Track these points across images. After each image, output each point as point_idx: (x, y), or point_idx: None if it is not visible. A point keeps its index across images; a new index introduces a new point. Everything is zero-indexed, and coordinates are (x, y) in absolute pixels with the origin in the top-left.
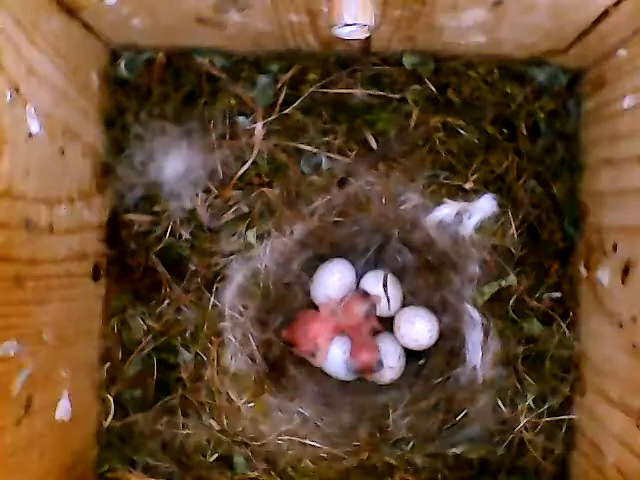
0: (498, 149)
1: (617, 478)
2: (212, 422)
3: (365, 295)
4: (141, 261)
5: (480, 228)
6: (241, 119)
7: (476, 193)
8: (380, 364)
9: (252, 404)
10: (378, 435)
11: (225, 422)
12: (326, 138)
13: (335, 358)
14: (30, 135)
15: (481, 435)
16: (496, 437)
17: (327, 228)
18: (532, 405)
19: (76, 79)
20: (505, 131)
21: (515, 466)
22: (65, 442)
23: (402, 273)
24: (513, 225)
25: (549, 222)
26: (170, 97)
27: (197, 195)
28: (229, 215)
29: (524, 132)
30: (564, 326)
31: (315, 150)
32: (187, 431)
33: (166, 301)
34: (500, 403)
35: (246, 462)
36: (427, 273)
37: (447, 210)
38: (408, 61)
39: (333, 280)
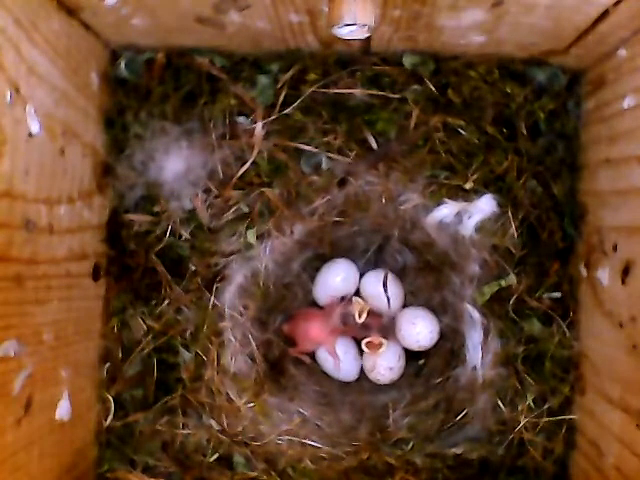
0: (498, 149)
1: (617, 478)
2: (212, 422)
3: (343, 301)
4: (141, 261)
5: (480, 228)
6: (241, 119)
7: (476, 193)
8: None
9: (252, 404)
10: (378, 435)
11: (225, 422)
12: (326, 138)
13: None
14: (30, 135)
15: (481, 435)
16: (496, 437)
17: (327, 228)
18: (532, 405)
19: (76, 79)
20: (505, 131)
21: (515, 466)
22: (65, 442)
23: (402, 273)
24: (513, 225)
25: (549, 222)
26: (170, 97)
27: (197, 195)
28: (229, 215)
29: (524, 132)
30: (564, 326)
31: (315, 150)
32: (187, 431)
33: (166, 301)
34: (500, 403)
35: (246, 462)
36: (427, 273)
37: (447, 210)
38: (408, 61)
39: (336, 280)
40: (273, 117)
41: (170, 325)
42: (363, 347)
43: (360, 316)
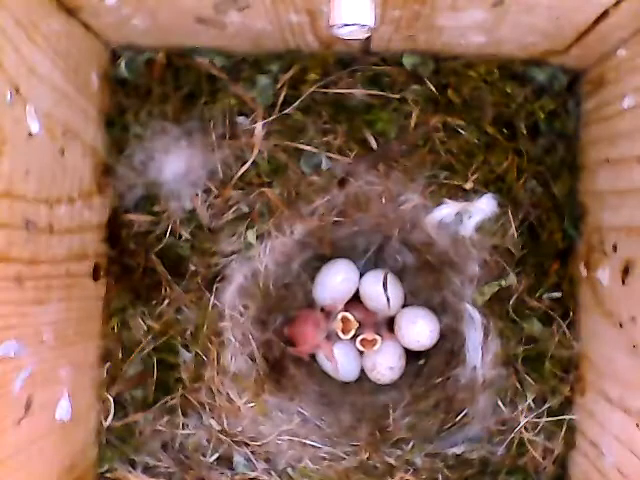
0: (498, 149)
1: (617, 478)
2: (212, 422)
3: (328, 316)
4: (141, 261)
5: (480, 228)
6: (241, 119)
7: (476, 193)
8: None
9: (252, 404)
10: (378, 435)
11: (225, 422)
12: (326, 138)
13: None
14: (30, 135)
15: (481, 435)
16: (496, 437)
17: (327, 228)
18: (532, 405)
19: (76, 79)
20: (505, 131)
21: (515, 466)
22: (65, 442)
23: (402, 273)
24: (513, 225)
25: (549, 222)
26: (170, 97)
27: (197, 195)
28: (229, 215)
29: (524, 132)
30: (564, 326)
31: (315, 150)
32: (187, 431)
33: (166, 301)
34: (500, 403)
35: (246, 462)
36: (427, 273)
37: (447, 210)
38: (408, 61)
39: (336, 281)
40: (273, 117)
41: (170, 325)
42: (357, 344)
43: (346, 333)
